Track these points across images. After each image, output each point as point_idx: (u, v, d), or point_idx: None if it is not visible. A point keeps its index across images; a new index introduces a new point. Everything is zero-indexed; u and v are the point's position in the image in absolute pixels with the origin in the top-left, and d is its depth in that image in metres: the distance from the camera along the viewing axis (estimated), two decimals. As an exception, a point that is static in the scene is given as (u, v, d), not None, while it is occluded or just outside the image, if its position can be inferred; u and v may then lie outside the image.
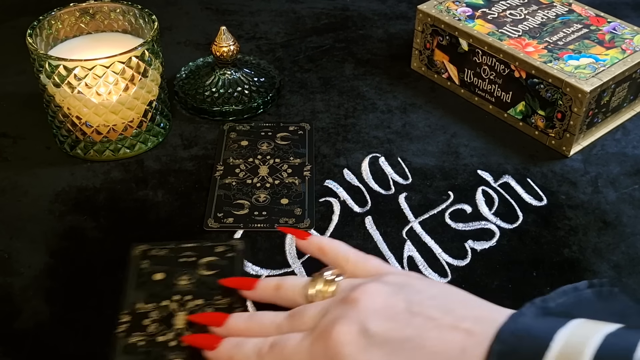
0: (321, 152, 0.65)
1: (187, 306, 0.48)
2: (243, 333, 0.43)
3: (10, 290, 0.51)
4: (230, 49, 0.69)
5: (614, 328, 0.35)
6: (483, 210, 0.59)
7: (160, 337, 0.46)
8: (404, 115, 0.70)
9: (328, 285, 0.44)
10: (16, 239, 0.55)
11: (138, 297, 0.48)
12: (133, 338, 0.46)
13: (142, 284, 0.49)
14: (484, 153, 0.65)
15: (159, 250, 0.52)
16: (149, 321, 0.47)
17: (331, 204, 0.59)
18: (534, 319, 0.36)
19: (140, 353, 0.45)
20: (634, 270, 0.53)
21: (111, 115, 0.61)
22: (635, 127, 0.69)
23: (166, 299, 0.48)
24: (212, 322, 0.45)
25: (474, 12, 0.72)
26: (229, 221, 0.57)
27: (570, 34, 0.68)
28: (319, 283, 0.44)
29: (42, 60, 0.58)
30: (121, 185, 0.61)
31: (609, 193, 0.60)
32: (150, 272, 0.50)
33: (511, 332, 0.35)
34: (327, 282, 0.44)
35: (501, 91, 0.68)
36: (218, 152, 0.64)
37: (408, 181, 0.62)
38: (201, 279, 0.50)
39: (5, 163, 0.63)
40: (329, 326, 0.39)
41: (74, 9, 0.65)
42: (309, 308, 0.42)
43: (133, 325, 0.46)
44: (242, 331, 0.43)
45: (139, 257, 0.52)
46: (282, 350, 0.40)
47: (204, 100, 0.69)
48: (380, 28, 0.84)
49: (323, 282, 0.44)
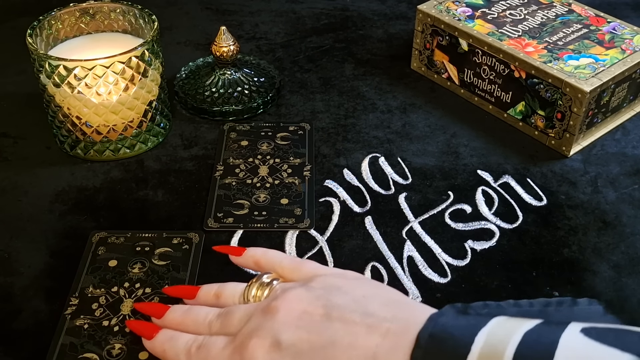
0: (321, 152, 0.65)
1: (135, 294, 0.50)
2: (178, 327, 0.44)
3: (10, 290, 0.51)
4: (230, 49, 0.69)
5: (533, 324, 0.34)
6: (483, 210, 0.59)
7: (105, 321, 0.48)
8: (404, 115, 0.70)
9: (263, 289, 0.44)
10: (16, 239, 0.55)
11: (90, 281, 0.50)
12: (79, 320, 0.48)
13: (95, 270, 0.51)
14: (483, 153, 0.65)
15: (116, 238, 0.54)
16: (97, 305, 0.49)
17: (331, 204, 0.59)
18: (455, 319, 0.36)
19: (83, 336, 0.47)
20: (634, 270, 0.53)
21: (111, 115, 0.61)
22: (635, 127, 0.69)
23: (116, 285, 0.50)
24: (153, 313, 0.46)
25: (473, 12, 0.72)
26: (229, 221, 0.57)
27: (570, 34, 0.68)
28: (254, 287, 0.44)
29: (42, 60, 0.58)
30: (121, 185, 0.61)
31: (609, 193, 0.60)
32: (106, 259, 0.52)
33: (430, 334, 0.35)
34: (262, 285, 0.44)
35: (501, 91, 0.68)
36: (218, 152, 0.64)
37: (408, 181, 0.62)
38: (153, 268, 0.52)
39: (6, 163, 0.63)
40: (246, 338, 0.40)
41: (74, 9, 0.65)
42: (237, 310, 0.43)
43: (81, 308, 0.49)
44: (178, 325, 0.44)
45: (96, 244, 0.54)
46: (207, 353, 0.41)
47: (204, 100, 0.69)
48: (380, 28, 0.84)
49: (258, 285, 0.44)
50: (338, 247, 0.55)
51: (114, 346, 0.46)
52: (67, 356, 0.45)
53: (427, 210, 0.58)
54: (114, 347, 0.46)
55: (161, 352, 0.43)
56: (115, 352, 0.46)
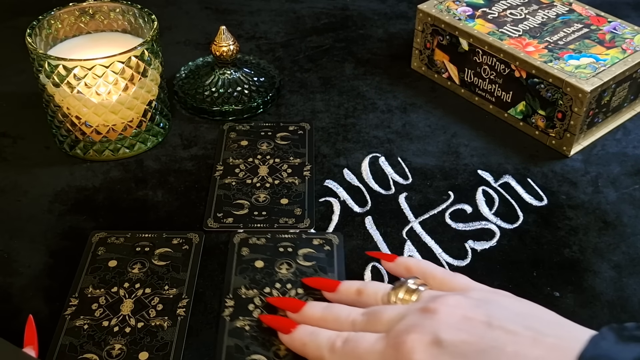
0: (321, 152, 0.65)
1: (135, 294, 0.50)
2: (318, 323, 0.44)
3: (9, 290, 0.51)
4: (230, 48, 0.69)
5: None
6: (483, 210, 0.58)
7: (105, 322, 0.48)
8: (404, 115, 0.70)
9: (410, 294, 0.44)
10: (16, 239, 0.55)
11: (90, 282, 0.50)
12: (79, 321, 0.48)
13: (95, 270, 0.51)
14: (484, 153, 0.65)
15: (116, 239, 0.54)
16: (96, 306, 0.49)
17: (331, 204, 0.59)
18: (615, 344, 0.36)
19: (83, 336, 0.46)
20: (634, 270, 0.53)
21: (111, 115, 0.61)
22: (635, 127, 0.68)
23: (116, 285, 0.50)
24: (290, 307, 0.46)
25: (474, 12, 0.71)
26: (229, 221, 0.56)
27: (570, 34, 0.68)
28: (402, 291, 0.44)
29: (41, 60, 0.58)
30: (121, 185, 0.61)
31: (610, 193, 0.60)
32: (105, 259, 0.52)
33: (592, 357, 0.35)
34: (409, 290, 0.44)
35: (501, 91, 0.68)
36: (218, 152, 0.64)
37: (408, 181, 0.61)
38: (153, 268, 0.52)
39: (5, 163, 0.63)
40: (403, 333, 0.39)
41: (73, 8, 0.65)
42: (387, 310, 0.42)
43: (81, 308, 0.48)
44: (317, 321, 0.44)
45: (96, 244, 0.54)
46: (355, 347, 0.41)
47: (203, 100, 0.69)
48: (380, 28, 0.84)
49: (405, 290, 0.44)
50: (338, 247, 0.55)
51: (113, 347, 0.46)
52: (66, 357, 0.45)
53: (427, 210, 0.58)
54: (114, 348, 0.46)
55: (300, 347, 0.43)
56: (115, 352, 0.46)
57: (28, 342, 0.45)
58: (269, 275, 0.51)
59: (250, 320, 0.47)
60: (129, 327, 0.47)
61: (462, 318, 0.39)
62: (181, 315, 0.48)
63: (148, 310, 0.48)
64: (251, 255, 0.53)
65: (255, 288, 0.50)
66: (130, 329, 0.47)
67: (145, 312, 0.48)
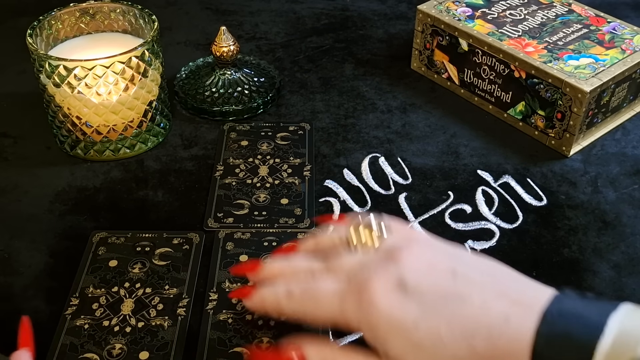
0: (321, 152, 0.65)
1: (135, 294, 0.50)
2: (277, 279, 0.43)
3: (10, 290, 0.51)
4: (230, 49, 0.69)
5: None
6: (483, 210, 0.59)
7: (105, 321, 0.48)
8: (404, 115, 0.70)
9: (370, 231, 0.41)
10: (16, 239, 0.55)
11: (90, 282, 0.51)
12: (79, 321, 0.48)
13: (95, 270, 0.52)
14: (483, 153, 0.65)
15: (117, 238, 0.54)
16: (97, 305, 0.49)
17: (331, 204, 0.59)
18: (579, 301, 0.35)
19: (83, 336, 0.47)
20: (634, 270, 0.53)
21: (111, 115, 0.61)
22: (635, 127, 0.69)
23: (117, 285, 0.50)
24: (249, 269, 0.46)
25: (473, 12, 0.72)
26: (229, 221, 0.57)
27: (570, 34, 0.68)
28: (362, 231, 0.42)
29: (42, 61, 0.58)
30: (121, 185, 0.61)
31: (609, 193, 0.60)
32: (106, 259, 0.52)
33: (559, 313, 0.34)
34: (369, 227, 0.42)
35: (501, 91, 0.68)
36: (218, 152, 0.64)
37: (408, 181, 0.62)
38: (154, 268, 0.52)
39: (6, 163, 0.63)
40: (365, 279, 0.38)
41: (74, 9, 0.65)
42: (348, 257, 0.41)
43: (81, 308, 0.49)
44: (276, 276, 0.43)
45: (97, 244, 0.54)
46: (313, 293, 0.39)
47: (204, 100, 0.69)
48: (380, 28, 0.84)
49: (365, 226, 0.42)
50: (338, 247, 0.55)
51: (114, 346, 0.46)
52: (67, 356, 0.45)
53: (427, 210, 0.58)
54: (114, 347, 0.46)
55: (261, 305, 0.42)
56: (116, 352, 0.46)
57: (23, 343, 0.44)
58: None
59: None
60: (129, 326, 0.47)
61: (428, 265, 0.38)
62: (181, 315, 0.48)
63: (148, 310, 0.49)
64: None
65: (238, 282, 0.50)
66: (130, 329, 0.47)
67: (146, 312, 0.48)
